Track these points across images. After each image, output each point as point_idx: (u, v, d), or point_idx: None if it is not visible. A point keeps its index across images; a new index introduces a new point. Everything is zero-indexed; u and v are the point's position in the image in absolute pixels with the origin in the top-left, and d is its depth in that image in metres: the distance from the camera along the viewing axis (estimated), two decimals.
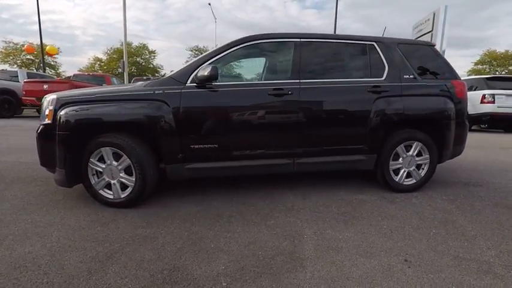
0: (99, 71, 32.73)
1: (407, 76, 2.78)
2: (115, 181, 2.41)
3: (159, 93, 2.39)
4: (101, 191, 2.46)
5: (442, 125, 2.83)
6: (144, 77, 11.55)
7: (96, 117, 2.31)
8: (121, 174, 2.40)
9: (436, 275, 1.67)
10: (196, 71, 2.46)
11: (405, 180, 2.90)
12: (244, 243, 1.95)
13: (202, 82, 2.39)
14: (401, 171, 2.89)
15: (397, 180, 2.88)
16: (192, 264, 1.71)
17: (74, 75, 10.90)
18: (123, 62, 17.85)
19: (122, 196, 2.42)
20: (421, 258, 1.82)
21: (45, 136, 2.38)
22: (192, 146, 2.46)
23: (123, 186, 2.44)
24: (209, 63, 2.49)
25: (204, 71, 2.32)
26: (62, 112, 2.31)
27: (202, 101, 2.46)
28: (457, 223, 2.31)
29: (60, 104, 2.34)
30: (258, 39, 2.62)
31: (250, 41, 2.60)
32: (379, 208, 2.56)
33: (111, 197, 2.44)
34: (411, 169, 2.90)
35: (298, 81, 2.61)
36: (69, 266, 1.68)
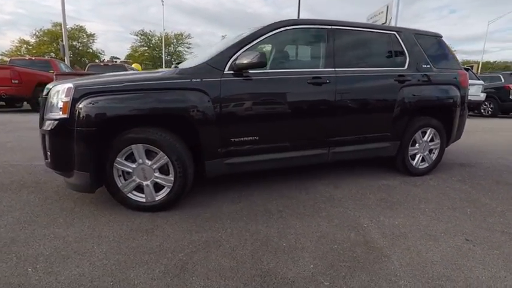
0: (27, 56, 28.50)
1: (425, 66, 2.93)
2: (148, 182, 2.11)
3: (196, 82, 2.13)
4: (129, 195, 2.14)
5: (452, 111, 3.06)
6: (101, 63, 10.25)
7: (129, 109, 1.98)
8: (156, 174, 2.11)
9: (499, 250, 1.81)
10: (234, 57, 2.25)
11: (420, 164, 3.10)
12: (313, 238, 1.89)
13: (247, 69, 2.20)
14: (417, 156, 3.08)
15: (413, 164, 3.06)
16: (279, 267, 1.59)
17: (10, 60, 9.23)
18: (63, 45, 15.81)
19: (157, 198, 2.14)
20: (476, 236, 1.97)
21: (60, 134, 1.96)
22: (233, 139, 2.27)
23: (156, 188, 2.16)
24: (246, 50, 2.30)
25: (249, 57, 2.13)
26: (84, 104, 1.92)
27: (242, 90, 2.27)
28: (480, 201, 2.54)
29: (81, 95, 1.94)
30: (291, 25, 2.49)
31: (283, 27, 2.45)
32: (408, 192, 2.70)
33: (143, 200, 2.14)
34: (425, 154, 3.10)
35: (333, 69, 2.56)
36: (143, 285, 1.44)
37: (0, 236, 1.81)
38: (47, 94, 2.14)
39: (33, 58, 9.56)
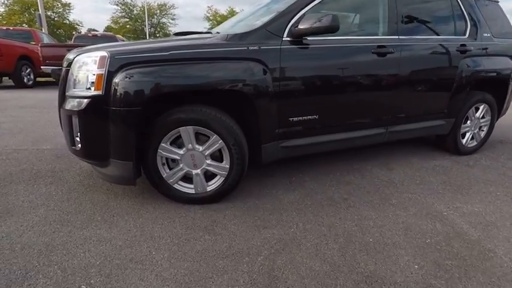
0: (3, 26, 26.15)
1: (486, 34, 2.65)
2: (198, 171, 1.79)
3: (253, 50, 1.77)
4: (176, 186, 1.83)
5: (507, 86, 2.83)
6: (90, 34, 9.30)
7: (180, 84, 1.61)
8: (208, 161, 1.79)
9: None
10: (293, 21, 1.88)
11: (469, 142, 2.90)
12: (399, 231, 1.66)
13: (310, 35, 1.84)
14: (468, 134, 2.87)
15: (463, 143, 2.86)
16: (381, 269, 1.36)
17: None
18: (39, 14, 14.48)
19: (208, 189, 1.84)
20: None
21: (94, 115, 1.58)
22: (291, 119, 1.95)
23: (206, 177, 1.85)
24: (306, 12, 1.92)
25: (316, 20, 1.76)
26: (123, 77, 1.54)
27: (302, 61, 1.92)
28: None
29: (118, 66, 1.55)
30: None
31: None
32: (467, 173, 2.50)
33: (191, 191, 1.83)
34: (475, 131, 2.90)
35: (397, 37, 2.23)
36: None
37: (31, 241, 1.48)
38: (69, 66, 1.73)
39: (11, 28, 8.59)
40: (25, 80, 7.78)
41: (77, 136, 1.67)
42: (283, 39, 1.85)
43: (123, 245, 1.48)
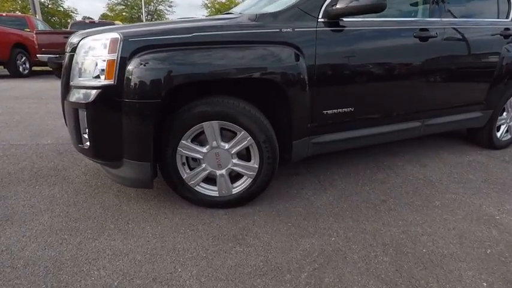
0: None
1: None
2: (223, 171, 1.59)
3: (287, 33, 1.53)
4: (197, 188, 1.62)
5: None
6: (87, 20, 8.85)
7: (206, 72, 1.37)
8: (234, 161, 1.58)
9: None
10: (328, 0, 1.64)
11: (503, 136, 2.70)
12: (453, 239, 1.46)
13: (350, 15, 1.60)
14: (503, 126, 2.66)
15: (498, 136, 2.66)
16: (442, 285, 1.18)
17: None
18: (33, 0, 13.94)
19: (234, 191, 1.64)
20: None
21: (105, 108, 1.36)
22: (325, 112, 1.74)
23: (231, 178, 1.65)
24: None
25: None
26: (137, 63, 1.31)
27: (339, 45, 1.68)
28: None
29: (133, 50, 1.31)
30: None
31: None
32: (508, 170, 2.29)
33: (215, 194, 1.63)
34: (511, 124, 2.70)
35: (439, 19, 1.99)
36: None
37: (36, 256, 1.28)
38: (73, 51, 1.49)
39: (4, 14, 8.18)
40: (20, 69, 7.45)
41: (85, 133, 1.45)
42: (319, 20, 1.62)
43: (143, 260, 1.28)
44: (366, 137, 1.94)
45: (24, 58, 7.52)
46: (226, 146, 1.54)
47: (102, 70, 1.34)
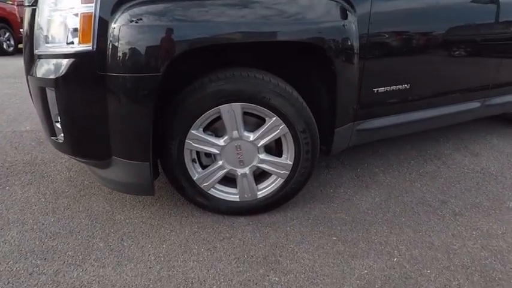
0: None
1: None
2: (246, 169, 1.21)
3: None
4: (212, 191, 1.25)
5: None
6: None
7: (226, 32, 0.96)
8: (261, 156, 1.20)
9: None
10: None
11: None
12: None
13: None
14: None
15: None
16: None
17: None
18: None
19: (260, 195, 1.27)
20: None
21: (81, 85, 0.96)
22: (376, 90, 1.33)
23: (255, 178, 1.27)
24: None
25: None
26: (125, 20, 0.89)
27: (398, 4, 1.27)
28: None
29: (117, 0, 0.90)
30: None
31: None
32: None
33: (234, 198, 1.25)
34: None
35: None
36: None
37: None
38: (35, 3, 1.06)
39: None
40: (4, 46, 6.86)
41: (57, 121, 1.05)
42: None
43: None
44: (419, 122, 1.55)
45: (7, 34, 6.88)
46: (251, 136, 1.15)
47: (75, 30, 0.93)
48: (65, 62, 0.94)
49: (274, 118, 1.11)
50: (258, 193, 1.26)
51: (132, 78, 0.92)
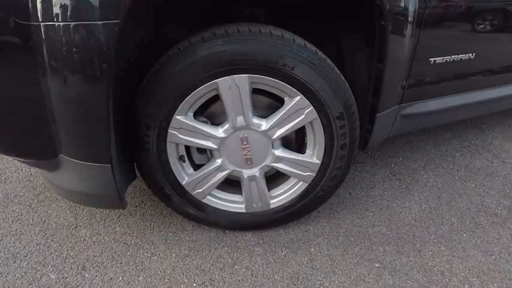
0: None
1: None
2: (255, 171, 0.86)
3: None
4: (207, 199, 0.92)
5: None
6: None
7: None
8: (277, 152, 0.84)
9: None
10: None
11: None
12: None
13: None
14: None
15: None
16: None
17: None
18: None
19: (274, 204, 0.93)
20: None
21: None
22: (433, 60, 0.98)
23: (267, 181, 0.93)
24: None
25: None
26: None
27: None
28: None
29: None
30: None
31: None
32: None
33: (240, 208, 0.91)
34: None
35: None
36: None
37: None
38: None
39: None
40: None
41: None
42: None
43: None
44: (478, 105, 1.19)
45: None
46: (264, 124, 0.80)
47: None
48: None
49: (298, 98, 0.75)
50: (271, 202, 0.92)
51: (73, 28, 0.57)
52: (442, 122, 1.27)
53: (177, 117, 0.76)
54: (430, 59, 0.96)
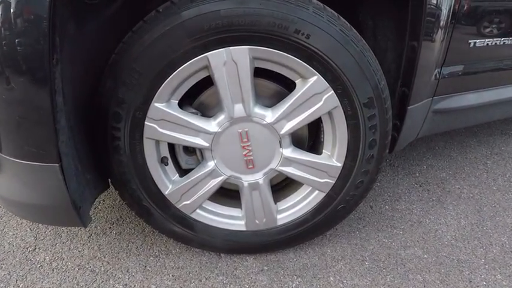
0: None
1: None
2: (258, 176, 0.67)
3: None
4: (197, 213, 0.73)
5: None
6: None
7: None
8: (285, 152, 0.65)
9: None
10: None
11: None
12: None
13: None
14: None
15: None
16: None
17: None
18: None
19: (282, 220, 0.73)
20: None
21: None
22: (474, 42, 0.82)
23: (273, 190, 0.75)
24: None
25: None
26: None
27: None
28: None
29: None
30: None
31: None
32: None
33: (239, 225, 0.72)
34: None
35: None
36: None
37: None
38: None
39: None
40: None
41: None
42: None
43: None
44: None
45: None
46: (269, 115, 0.62)
47: None
48: None
49: (314, 79, 0.58)
50: (279, 217, 0.73)
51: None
52: (477, 122, 1.09)
53: (156, 104, 0.58)
54: (470, 41, 0.80)
